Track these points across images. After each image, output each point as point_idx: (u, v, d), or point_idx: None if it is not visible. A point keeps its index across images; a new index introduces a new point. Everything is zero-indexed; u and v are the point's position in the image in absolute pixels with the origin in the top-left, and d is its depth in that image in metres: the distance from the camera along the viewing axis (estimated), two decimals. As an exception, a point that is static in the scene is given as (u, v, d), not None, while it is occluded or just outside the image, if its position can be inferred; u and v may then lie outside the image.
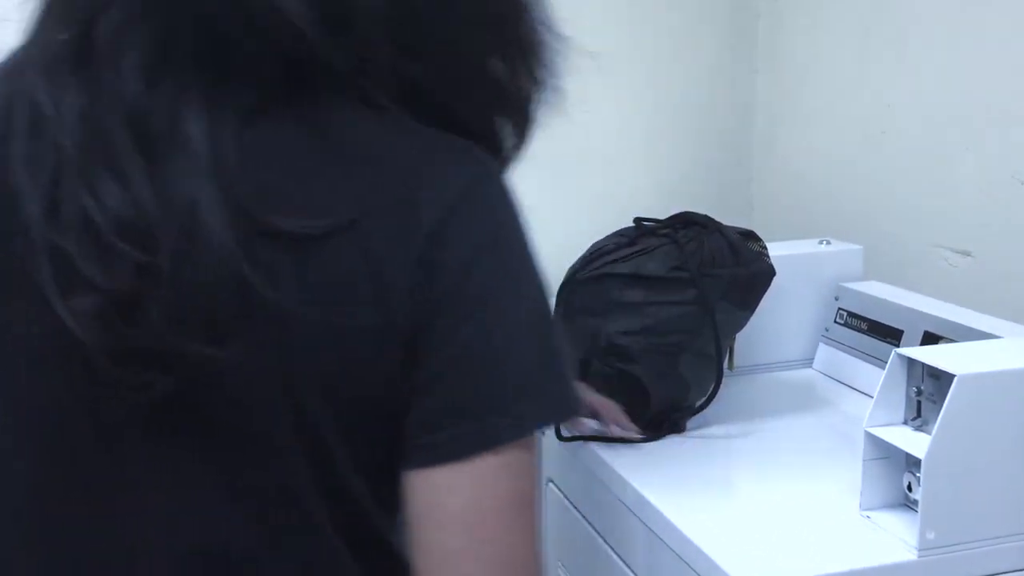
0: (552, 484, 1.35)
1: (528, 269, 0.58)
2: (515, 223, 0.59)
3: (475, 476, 0.54)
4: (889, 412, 1.00)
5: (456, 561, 0.55)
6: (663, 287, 1.25)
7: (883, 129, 1.71)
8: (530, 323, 0.57)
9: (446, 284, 0.55)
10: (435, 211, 0.55)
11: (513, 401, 0.55)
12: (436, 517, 0.55)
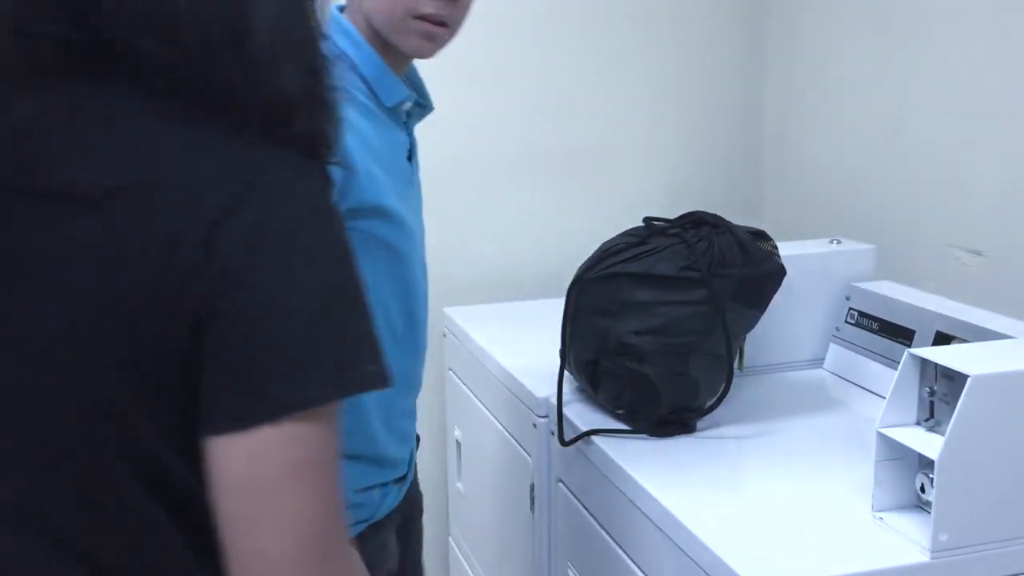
0: (562, 484, 1.34)
1: (312, 256, 0.61)
2: (301, 214, 0.62)
3: (254, 445, 0.59)
4: (902, 413, 1.00)
5: (242, 524, 0.59)
6: (673, 287, 1.24)
7: (896, 128, 1.70)
8: (310, 306, 0.61)
9: (227, 268, 0.59)
10: (221, 199, 0.59)
11: (289, 376, 0.60)
12: (222, 483, 0.59)
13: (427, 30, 1.09)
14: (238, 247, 0.60)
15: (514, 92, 1.97)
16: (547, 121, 1.99)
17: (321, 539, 0.61)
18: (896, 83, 1.70)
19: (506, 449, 1.52)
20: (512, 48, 1.95)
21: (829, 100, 1.89)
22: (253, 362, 0.60)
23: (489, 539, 1.70)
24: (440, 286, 1.98)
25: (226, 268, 0.59)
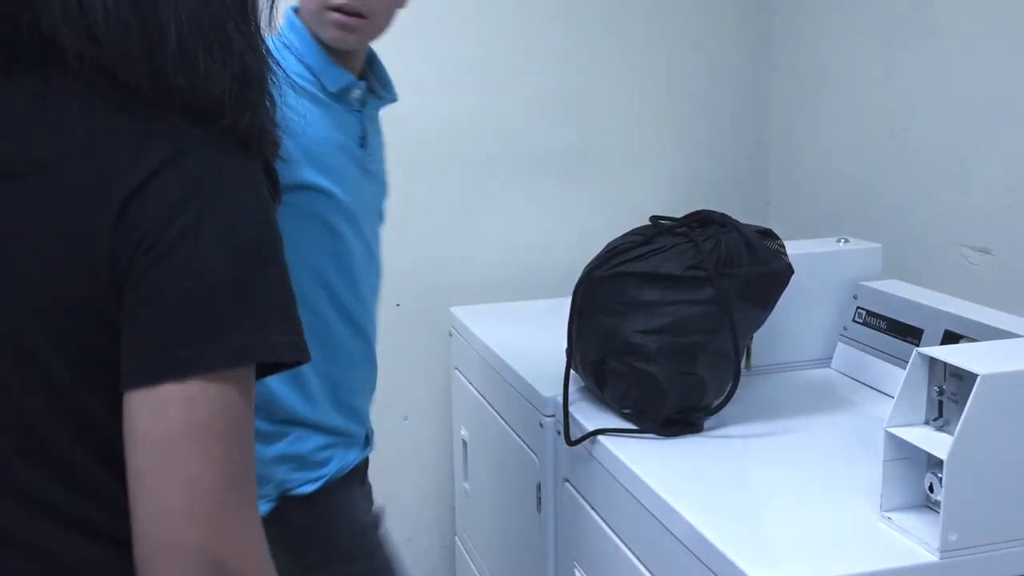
0: (568, 483, 1.34)
1: (224, 231, 0.65)
2: (215, 192, 0.66)
3: (157, 400, 0.63)
4: (910, 412, 0.99)
5: (143, 478, 0.63)
6: (680, 286, 1.24)
7: (904, 127, 1.70)
8: (223, 273, 0.65)
9: (141, 236, 0.64)
10: (138, 172, 0.64)
11: (197, 339, 0.63)
12: (130, 437, 0.64)
13: (340, 20, 1.17)
14: (150, 218, 0.64)
15: (523, 92, 1.96)
16: (554, 121, 1.99)
17: (213, 500, 0.63)
18: (904, 81, 1.69)
19: (512, 448, 1.52)
20: (520, 48, 1.95)
21: (836, 98, 1.88)
22: (163, 324, 0.64)
23: (495, 539, 1.70)
24: (446, 285, 1.98)
25: (139, 238, 0.64)
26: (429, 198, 1.95)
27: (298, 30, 1.21)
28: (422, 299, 1.97)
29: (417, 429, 2.02)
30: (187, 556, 0.63)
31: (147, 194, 0.64)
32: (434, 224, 1.96)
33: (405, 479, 2.02)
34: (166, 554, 0.63)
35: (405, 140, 1.93)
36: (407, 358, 1.98)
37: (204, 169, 0.66)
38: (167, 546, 0.63)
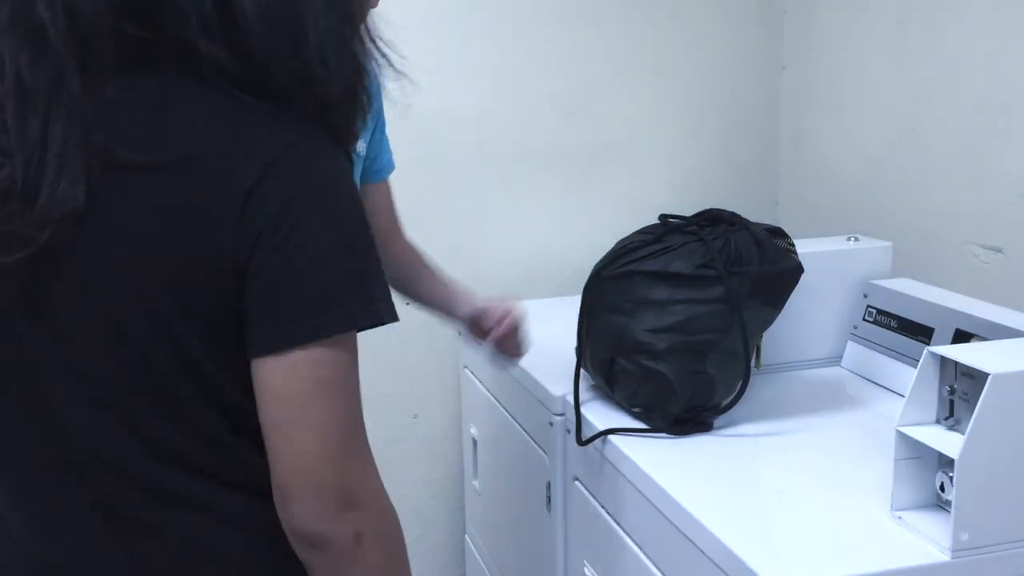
0: (578, 482, 1.34)
1: (329, 218, 0.75)
2: (319, 183, 0.76)
3: (287, 365, 0.74)
4: (921, 411, 0.99)
5: (280, 429, 0.74)
6: (690, 285, 1.24)
7: (914, 125, 1.69)
8: (332, 253, 0.75)
9: (260, 226, 0.73)
10: (254, 170, 0.73)
11: (314, 311, 0.74)
12: (264, 395, 0.74)
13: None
14: (269, 210, 0.73)
15: (531, 90, 1.96)
16: (562, 119, 1.99)
17: (340, 443, 0.75)
18: (914, 79, 1.69)
19: (522, 447, 1.52)
20: (531, 47, 1.95)
21: (846, 96, 1.88)
22: (285, 299, 0.74)
23: (505, 537, 1.71)
24: (456, 284, 1.98)
25: (260, 227, 0.73)
26: (440, 196, 1.95)
27: None
28: (432, 298, 1.97)
29: (427, 427, 2.02)
30: (321, 490, 0.74)
31: (262, 191, 0.73)
32: (445, 222, 1.96)
33: (415, 477, 2.03)
34: (303, 489, 0.74)
35: (417, 138, 1.93)
36: (417, 356, 1.98)
37: (306, 165, 0.75)
38: (304, 483, 0.74)
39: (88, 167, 0.72)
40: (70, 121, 0.73)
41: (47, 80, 0.73)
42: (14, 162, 0.72)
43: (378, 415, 1.97)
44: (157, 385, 0.77)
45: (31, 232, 0.73)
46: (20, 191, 0.72)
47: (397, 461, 2.01)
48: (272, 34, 0.75)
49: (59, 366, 0.78)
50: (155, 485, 0.79)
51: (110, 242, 0.75)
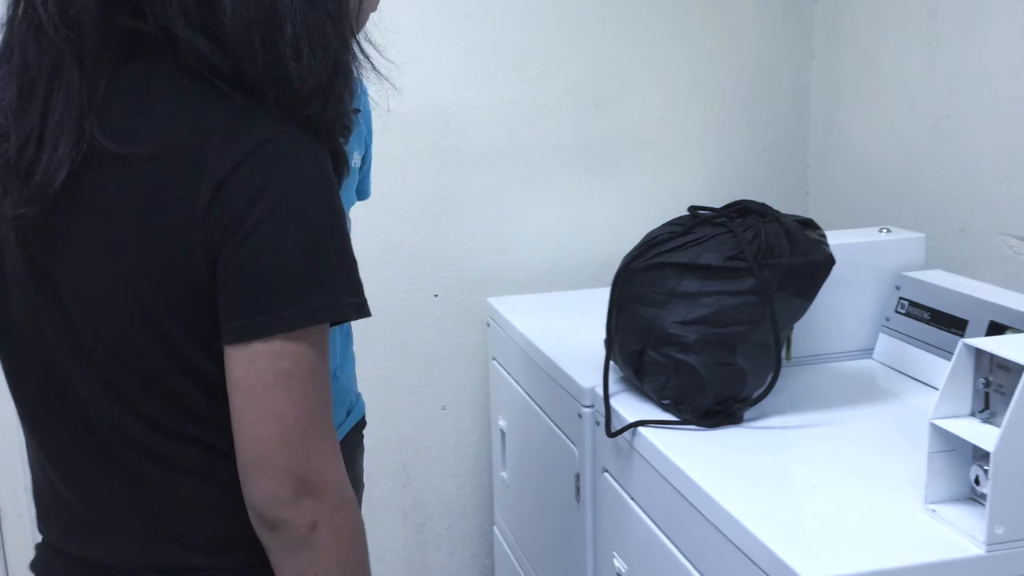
0: (607, 474, 1.34)
1: (297, 213, 0.77)
2: (289, 174, 0.77)
3: (249, 355, 0.76)
4: (956, 404, 0.98)
5: (240, 414, 0.78)
6: (720, 276, 1.24)
7: (947, 114, 1.67)
8: (295, 248, 0.76)
9: (229, 220, 0.75)
10: (225, 165, 0.75)
11: (277, 305, 0.76)
12: (230, 381, 0.78)
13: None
14: (238, 203, 0.75)
15: (560, 83, 1.96)
16: (592, 112, 1.99)
17: (297, 431, 0.77)
18: (946, 68, 1.67)
19: (551, 439, 1.52)
20: (558, 39, 1.94)
21: (877, 86, 1.86)
22: (250, 294, 0.76)
23: (533, 527, 1.71)
24: (484, 276, 1.99)
25: (228, 219, 0.75)
26: (467, 189, 1.95)
27: None
28: (460, 289, 1.98)
29: (455, 419, 2.03)
30: (276, 474, 0.77)
31: (231, 185, 0.75)
32: (473, 215, 1.96)
33: (443, 468, 2.04)
34: (260, 473, 0.78)
35: (444, 132, 1.94)
36: (445, 348, 1.99)
37: (278, 160, 0.77)
38: (260, 467, 0.78)
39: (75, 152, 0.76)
40: (67, 107, 0.76)
41: (47, 67, 0.77)
42: (9, 141, 0.77)
43: (406, 407, 1.99)
44: (143, 365, 0.80)
45: (19, 208, 0.77)
46: (15, 168, 0.77)
47: (425, 452, 2.02)
48: (246, 24, 0.76)
49: (66, 341, 0.82)
50: (154, 450, 0.84)
51: (95, 226, 0.78)
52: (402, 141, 1.88)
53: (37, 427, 0.89)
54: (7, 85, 0.78)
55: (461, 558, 2.09)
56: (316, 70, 0.79)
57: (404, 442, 2.00)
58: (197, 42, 0.76)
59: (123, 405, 0.83)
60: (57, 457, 0.89)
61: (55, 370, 0.84)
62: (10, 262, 0.84)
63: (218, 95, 0.77)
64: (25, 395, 0.89)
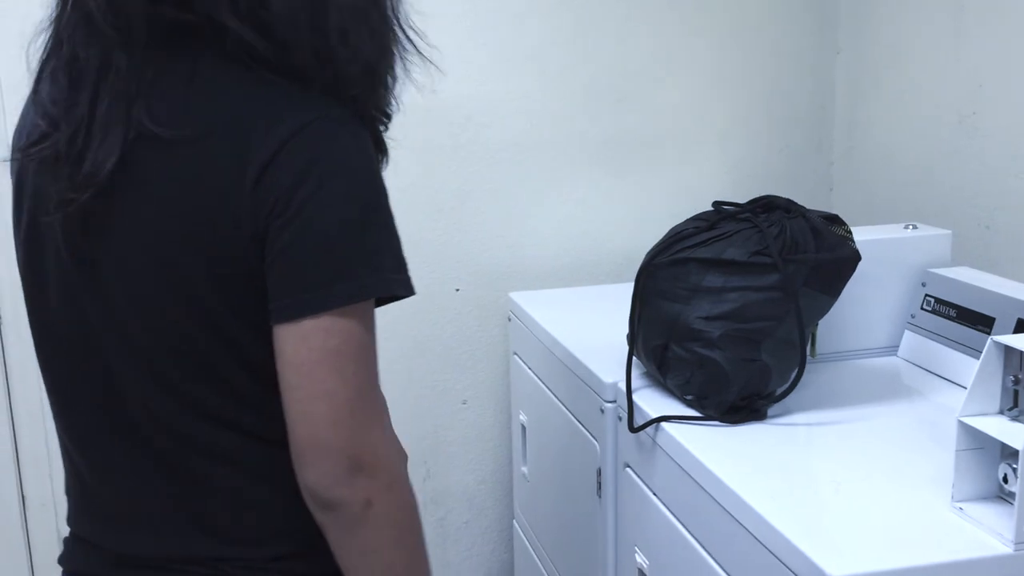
0: (629, 469, 1.34)
1: (341, 192, 0.78)
2: (335, 154, 0.78)
3: (300, 332, 0.77)
4: (984, 401, 0.97)
5: (292, 392, 0.78)
6: (744, 272, 1.23)
7: (974, 110, 1.66)
8: (342, 226, 0.77)
9: (275, 199, 0.76)
10: (271, 144, 0.76)
11: (326, 282, 0.77)
12: (281, 360, 0.78)
13: None
14: (284, 182, 0.76)
15: (581, 78, 1.96)
16: (615, 106, 1.98)
17: (349, 410, 0.78)
18: (973, 62, 1.65)
19: (572, 434, 1.52)
20: (579, 33, 1.94)
21: (903, 81, 1.85)
22: (297, 270, 0.77)
23: (554, 522, 1.71)
24: (505, 271, 1.99)
25: (275, 198, 0.76)
26: (488, 184, 1.95)
27: None
28: (481, 284, 1.98)
29: (475, 413, 2.03)
30: (330, 453, 0.78)
31: (276, 165, 0.76)
32: (493, 209, 1.96)
33: (463, 462, 2.04)
34: (315, 452, 0.78)
35: (464, 126, 1.94)
36: (466, 343, 2.00)
37: (323, 139, 0.78)
38: (313, 446, 0.78)
39: (125, 138, 0.77)
40: (115, 96, 0.77)
41: (96, 57, 0.78)
42: (59, 130, 0.79)
43: (427, 401, 1.99)
44: (189, 347, 0.81)
45: (73, 194, 0.78)
46: (65, 156, 0.78)
47: (446, 447, 2.03)
48: (293, 10, 0.77)
49: (108, 325, 0.83)
50: (195, 440, 0.84)
51: (143, 210, 0.79)
52: (423, 135, 1.88)
53: (69, 419, 0.90)
54: (57, 76, 0.80)
55: (481, 552, 2.10)
56: (362, 53, 0.80)
57: (425, 437, 2.01)
58: (243, 32, 0.77)
59: (165, 391, 0.83)
60: (89, 448, 0.89)
61: (93, 358, 0.85)
62: (50, 247, 0.85)
63: (262, 79, 0.79)
64: (59, 385, 0.90)
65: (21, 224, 0.88)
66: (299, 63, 0.79)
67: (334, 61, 0.79)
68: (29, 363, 1.83)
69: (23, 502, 1.90)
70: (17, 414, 1.86)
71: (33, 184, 0.85)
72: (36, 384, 1.85)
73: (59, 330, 0.87)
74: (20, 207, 0.88)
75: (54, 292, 0.86)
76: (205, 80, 0.79)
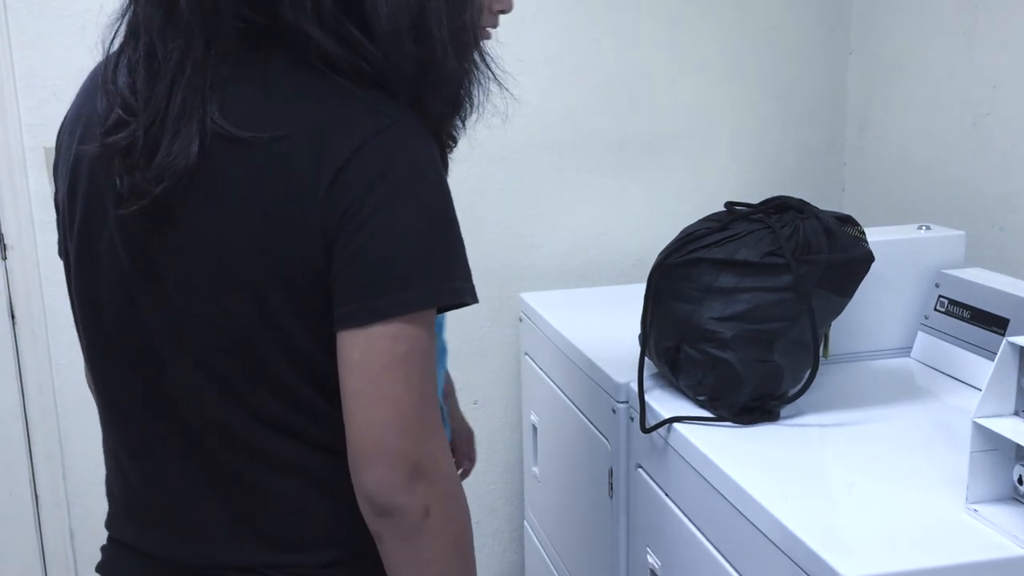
0: (641, 470, 1.34)
1: (413, 199, 0.78)
2: (408, 161, 0.78)
3: (368, 338, 0.77)
4: (999, 402, 0.97)
5: (357, 399, 0.77)
6: (757, 273, 1.23)
7: (987, 111, 1.65)
8: (414, 233, 0.77)
9: (348, 203, 0.76)
10: (345, 149, 0.76)
11: (397, 288, 0.77)
12: (345, 365, 0.78)
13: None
14: (356, 187, 0.76)
15: (593, 79, 1.96)
16: (626, 107, 1.98)
17: (414, 416, 0.78)
18: (986, 63, 1.64)
19: (584, 434, 1.52)
20: (592, 34, 1.94)
21: (915, 81, 1.84)
22: (368, 275, 0.77)
23: (565, 522, 1.71)
24: (517, 271, 1.99)
25: (347, 204, 0.76)
26: (500, 184, 1.96)
27: None
28: (493, 284, 1.98)
29: (487, 413, 2.04)
30: (393, 458, 0.77)
31: (351, 169, 0.76)
32: (505, 210, 1.97)
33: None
34: (377, 458, 0.77)
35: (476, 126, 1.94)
36: (477, 343, 2.00)
37: (396, 147, 0.78)
38: (377, 451, 0.77)
39: (201, 133, 0.77)
40: (191, 90, 0.77)
41: (177, 50, 0.78)
42: (138, 120, 0.78)
43: (439, 400, 2.00)
44: (249, 350, 0.80)
45: (147, 186, 0.77)
46: (141, 147, 0.78)
47: (457, 446, 2.03)
48: (397, 34, 0.78)
49: (165, 326, 0.82)
50: (251, 445, 0.83)
51: (211, 208, 0.78)
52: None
53: (119, 422, 0.89)
54: (135, 67, 0.80)
55: (491, 552, 2.10)
56: (454, 77, 0.82)
57: (435, 436, 2.01)
58: (325, 42, 0.78)
59: (221, 394, 0.82)
60: (139, 453, 0.88)
61: (148, 361, 0.84)
62: (104, 242, 0.84)
63: (337, 83, 0.78)
64: (110, 389, 0.89)
65: (75, 217, 0.86)
66: (391, 79, 0.79)
67: (428, 82, 0.80)
68: (43, 362, 1.84)
69: (36, 501, 1.92)
70: (30, 412, 1.87)
71: (89, 175, 0.84)
72: (50, 383, 1.86)
73: (111, 329, 0.86)
74: (74, 199, 0.86)
75: (107, 290, 0.85)
76: (279, 81, 0.79)
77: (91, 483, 1.91)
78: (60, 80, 1.73)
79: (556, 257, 2.00)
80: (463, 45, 0.83)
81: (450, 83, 0.82)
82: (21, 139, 1.77)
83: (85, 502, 1.92)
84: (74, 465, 1.90)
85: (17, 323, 1.83)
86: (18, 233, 1.81)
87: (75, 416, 1.88)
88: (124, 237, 0.82)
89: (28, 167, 1.78)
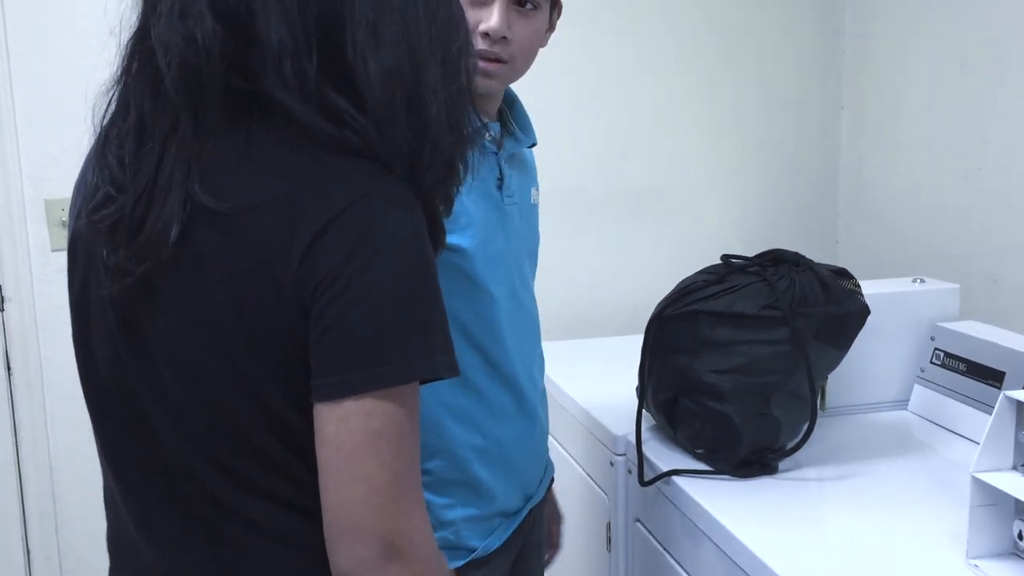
0: (639, 524, 1.33)
1: (393, 266, 0.76)
2: (386, 231, 0.77)
3: (340, 413, 0.75)
4: (997, 457, 0.97)
5: (330, 474, 0.76)
6: (754, 325, 1.24)
7: (979, 165, 1.67)
8: (390, 306, 0.76)
9: (322, 275, 0.75)
10: (321, 218, 0.75)
11: (370, 363, 0.75)
12: (319, 439, 0.76)
13: (482, 67, 1.13)
14: (334, 257, 0.75)
15: (590, 130, 1.98)
16: (623, 159, 2.01)
17: (387, 494, 0.76)
18: (978, 118, 1.67)
19: (582, 487, 1.51)
20: (586, 85, 1.97)
21: (908, 136, 1.87)
22: (342, 349, 0.75)
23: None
24: (513, 323, 1.99)
25: (324, 273, 0.75)
26: (497, 236, 1.97)
27: None
28: (489, 336, 1.98)
29: (483, 465, 2.02)
30: (365, 537, 0.76)
31: (326, 238, 0.75)
32: (502, 262, 1.97)
33: (470, 515, 2.02)
34: (348, 535, 0.76)
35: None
36: (474, 394, 1.99)
37: (375, 215, 0.76)
38: (349, 529, 0.76)
39: (184, 208, 0.77)
40: (178, 164, 0.78)
41: (165, 124, 0.78)
42: (126, 196, 0.79)
43: (435, 452, 1.98)
44: (230, 420, 0.80)
45: (129, 266, 0.78)
46: (127, 224, 0.78)
47: (453, 499, 2.01)
48: (391, 108, 0.77)
49: (154, 395, 0.82)
50: (237, 510, 0.83)
51: (191, 280, 0.78)
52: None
53: (118, 472, 0.89)
54: (125, 141, 0.80)
55: (487, 607, 2.07)
56: (448, 147, 0.80)
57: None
58: (307, 115, 0.77)
59: (209, 462, 0.82)
60: (136, 504, 0.88)
61: (141, 424, 0.84)
62: (96, 314, 0.84)
63: (317, 157, 0.78)
64: (108, 443, 0.89)
65: (74, 287, 0.87)
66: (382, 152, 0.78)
67: (420, 154, 0.79)
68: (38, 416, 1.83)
69: (28, 555, 1.89)
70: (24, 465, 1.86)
71: (86, 248, 0.85)
72: (44, 435, 1.85)
73: (108, 395, 0.86)
74: (73, 270, 0.87)
75: (102, 359, 0.85)
76: (260, 153, 0.79)
77: (84, 536, 1.89)
78: (61, 133, 1.74)
79: (552, 309, 2.00)
80: (459, 113, 0.82)
81: (445, 153, 0.81)
82: (22, 191, 1.78)
83: (79, 555, 1.90)
84: (67, 519, 1.88)
85: (13, 374, 1.83)
86: (16, 285, 1.81)
87: (68, 469, 1.86)
88: (114, 309, 0.82)
89: (28, 219, 1.79)
